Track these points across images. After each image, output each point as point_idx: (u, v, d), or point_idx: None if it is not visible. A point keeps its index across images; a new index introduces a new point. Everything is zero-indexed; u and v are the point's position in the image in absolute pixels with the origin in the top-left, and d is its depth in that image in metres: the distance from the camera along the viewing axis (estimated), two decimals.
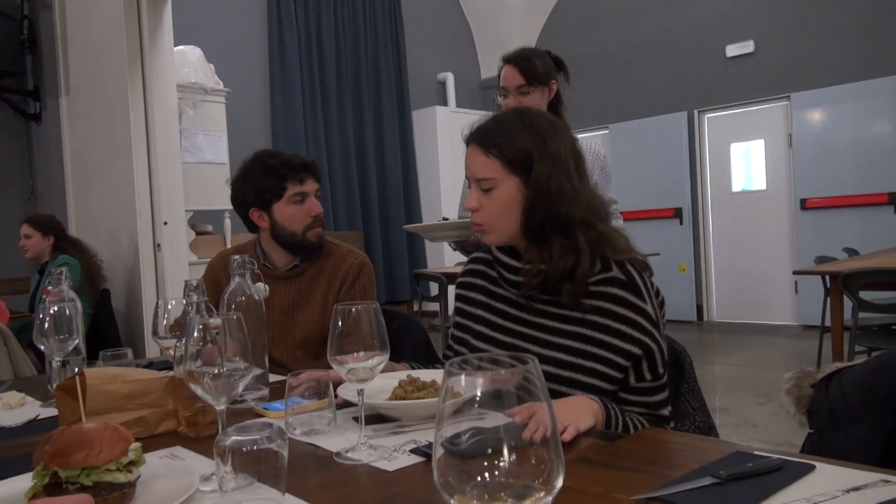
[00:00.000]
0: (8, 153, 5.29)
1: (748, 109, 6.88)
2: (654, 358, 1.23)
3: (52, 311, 1.47)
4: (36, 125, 5.25)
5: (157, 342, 1.54)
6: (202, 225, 5.12)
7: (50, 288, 1.60)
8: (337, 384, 1.25)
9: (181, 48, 4.68)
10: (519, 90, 2.11)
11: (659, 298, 1.28)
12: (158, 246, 4.11)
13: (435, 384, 1.24)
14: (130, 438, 0.89)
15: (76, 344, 1.51)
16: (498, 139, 1.25)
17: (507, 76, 2.14)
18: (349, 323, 1.03)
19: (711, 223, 7.18)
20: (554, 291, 1.25)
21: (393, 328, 1.79)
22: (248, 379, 0.98)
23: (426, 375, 1.30)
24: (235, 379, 0.96)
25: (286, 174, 1.85)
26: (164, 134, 4.12)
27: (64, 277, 1.61)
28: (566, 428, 1.03)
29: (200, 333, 0.96)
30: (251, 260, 1.42)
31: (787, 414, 1.28)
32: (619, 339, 1.21)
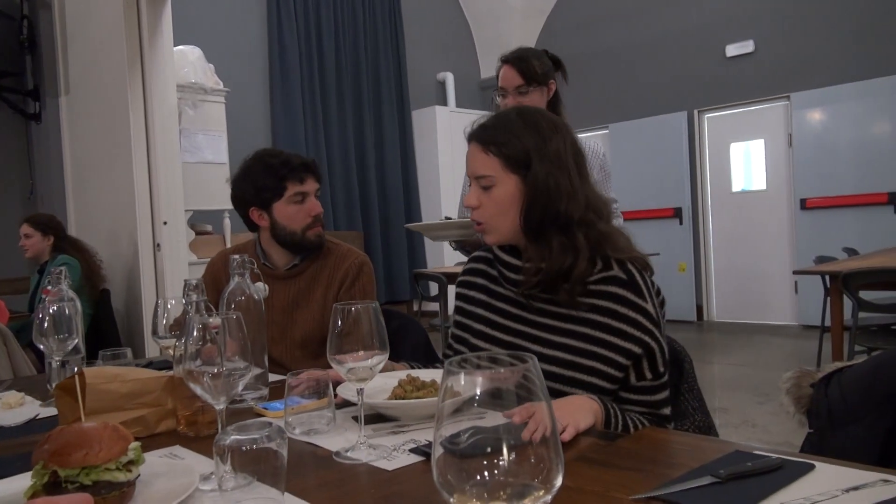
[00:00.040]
0: (7, 153, 5.29)
1: (748, 109, 6.88)
2: (654, 357, 1.23)
3: (51, 310, 1.47)
4: (35, 125, 5.25)
5: (156, 342, 1.54)
6: (202, 225, 5.12)
7: (49, 287, 1.60)
8: (336, 384, 1.25)
9: (181, 48, 4.67)
10: (517, 90, 2.11)
11: (660, 298, 1.28)
12: (158, 246, 4.11)
13: (434, 384, 1.24)
14: (130, 438, 0.89)
15: (75, 343, 1.51)
16: (497, 137, 1.25)
17: (505, 76, 2.13)
18: (349, 322, 1.03)
19: (711, 223, 7.18)
20: (553, 290, 1.25)
21: (392, 328, 1.79)
22: (247, 378, 0.98)
23: (425, 375, 1.30)
24: (235, 378, 0.96)
25: (286, 174, 1.85)
26: (163, 134, 4.12)
27: (63, 277, 1.61)
28: (565, 427, 1.03)
29: (200, 333, 0.96)
30: (251, 259, 1.42)
31: (786, 414, 1.28)
32: (619, 338, 1.21)
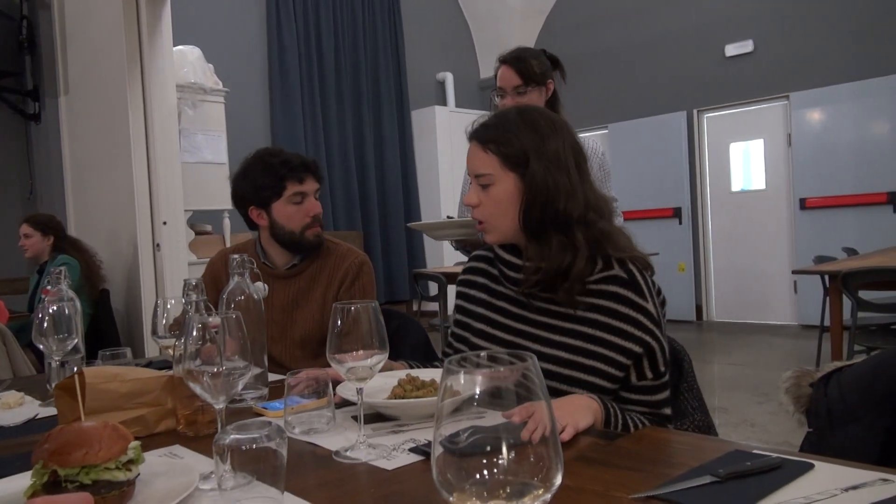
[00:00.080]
0: (7, 153, 5.29)
1: (747, 109, 6.88)
2: (655, 356, 1.23)
3: (51, 310, 1.47)
4: (35, 125, 5.25)
5: (156, 341, 1.54)
6: (201, 225, 5.12)
7: (49, 287, 1.60)
8: (336, 383, 1.25)
9: (180, 48, 4.67)
10: (516, 90, 2.11)
11: (660, 297, 1.28)
12: (158, 246, 4.11)
13: (434, 383, 1.24)
14: (130, 437, 0.89)
15: (75, 343, 1.51)
16: (497, 136, 1.25)
17: (503, 76, 2.13)
18: (348, 322, 1.03)
19: (711, 223, 7.18)
20: (552, 289, 1.25)
21: (392, 327, 1.79)
22: (247, 378, 0.98)
23: (425, 374, 1.30)
24: (234, 378, 0.96)
25: (286, 174, 1.85)
26: (163, 134, 4.12)
27: (63, 277, 1.61)
28: (565, 427, 1.03)
29: (199, 332, 0.96)
30: (250, 259, 1.42)
31: (785, 413, 1.28)
32: (620, 337, 1.21)
